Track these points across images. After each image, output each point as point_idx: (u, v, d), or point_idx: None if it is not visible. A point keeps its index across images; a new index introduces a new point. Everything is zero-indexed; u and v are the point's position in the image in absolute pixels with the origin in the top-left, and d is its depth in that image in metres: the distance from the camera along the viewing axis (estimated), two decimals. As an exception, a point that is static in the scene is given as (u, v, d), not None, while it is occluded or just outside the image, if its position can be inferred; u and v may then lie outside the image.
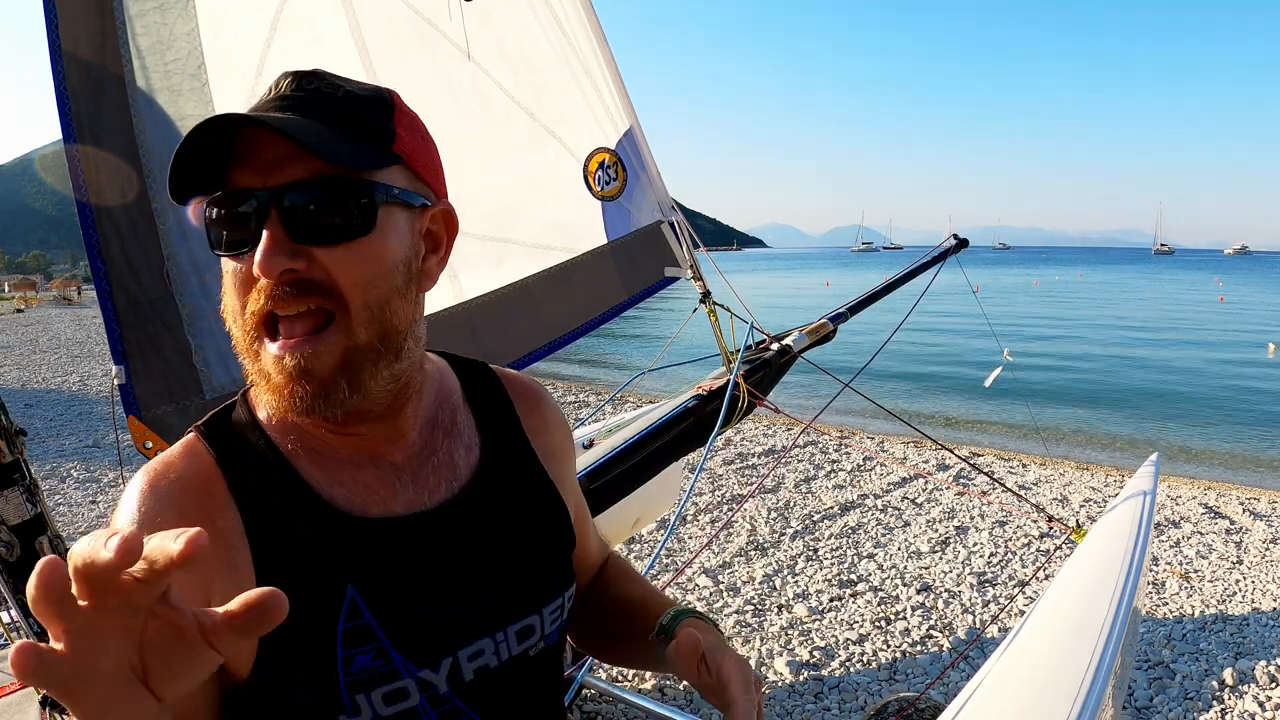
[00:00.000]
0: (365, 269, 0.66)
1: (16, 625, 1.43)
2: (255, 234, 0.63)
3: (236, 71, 2.03)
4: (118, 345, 1.88)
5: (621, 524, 3.29)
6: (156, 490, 0.67)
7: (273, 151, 0.63)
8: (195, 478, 0.68)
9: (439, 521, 0.74)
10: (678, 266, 2.76)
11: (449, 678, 0.72)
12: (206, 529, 0.60)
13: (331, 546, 0.69)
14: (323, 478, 0.71)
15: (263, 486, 0.69)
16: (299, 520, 0.69)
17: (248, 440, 0.72)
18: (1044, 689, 1.43)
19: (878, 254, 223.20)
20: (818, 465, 6.54)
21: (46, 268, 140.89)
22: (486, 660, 0.74)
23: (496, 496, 0.79)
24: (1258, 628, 3.68)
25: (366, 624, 0.68)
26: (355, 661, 0.67)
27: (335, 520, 0.70)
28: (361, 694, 0.67)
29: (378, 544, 0.71)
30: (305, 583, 0.67)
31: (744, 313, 2.79)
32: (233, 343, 0.69)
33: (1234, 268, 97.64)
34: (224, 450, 0.70)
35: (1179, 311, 27.90)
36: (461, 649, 0.73)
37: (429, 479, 0.76)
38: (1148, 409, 10.73)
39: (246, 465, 0.70)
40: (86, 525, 5.16)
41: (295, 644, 0.66)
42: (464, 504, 0.76)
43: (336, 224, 0.64)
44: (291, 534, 0.68)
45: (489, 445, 0.82)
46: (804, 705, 3.04)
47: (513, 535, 0.79)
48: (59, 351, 17.01)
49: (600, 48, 2.54)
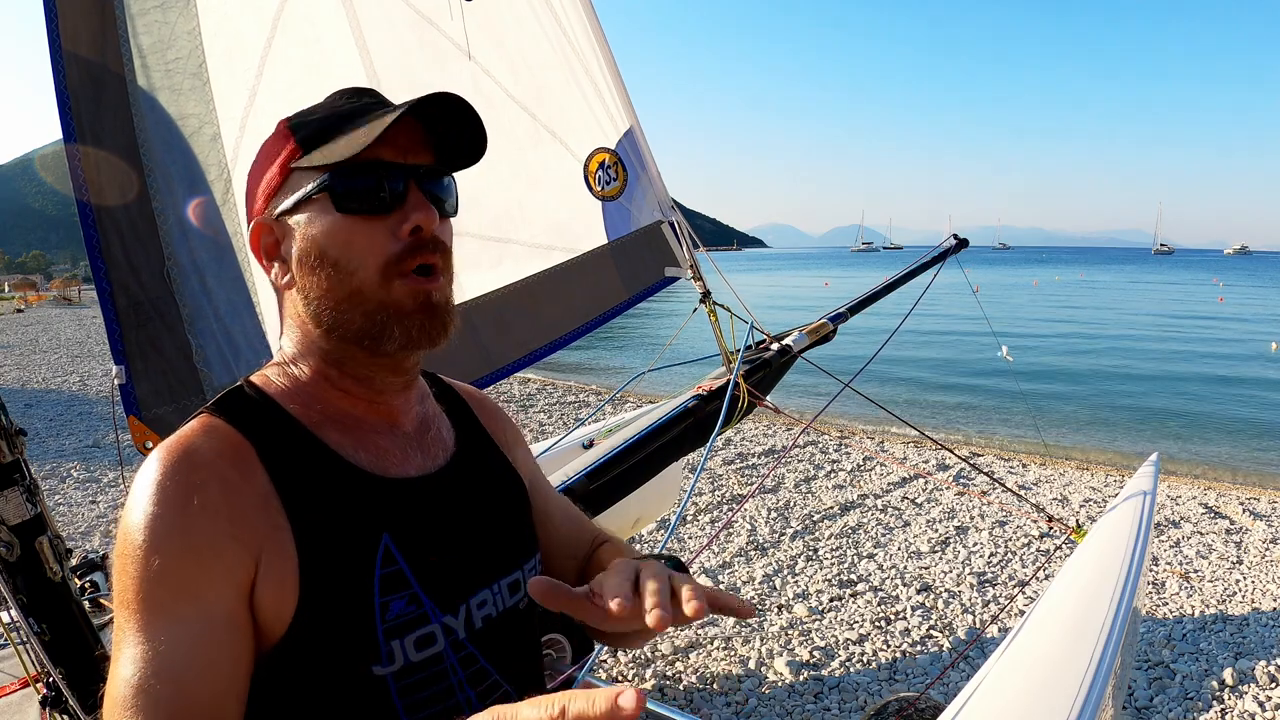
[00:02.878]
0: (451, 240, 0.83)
1: (16, 625, 1.43)
2: (399, 200, 0.76)
3: (237, 71, 2.03)
4: (118, 345, 1.88)
5: (621, 524, 3.29)
6: (192, 459, 0.70)
7: (408, 136, 0.78)
8: (227, 446, 0.72)
9: (444, 483, 0.84)
10: (678, 266, 2.76)
11: (465, 624, 0.79)
12: (246, 494, 0.71)
13: (363, 502, 0.75)
14: (346, 443, 0.78)
15: (290, 452, 0.75)
16: (329, 480, 0.75)
17: (266, 414, 0.77)
18: (1044, 689, 1.43)
19: (878, 254, 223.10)
20: (818, 465, 6.55)
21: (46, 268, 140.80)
22: (489, 610, 0.82)
23: (476, 468, 0.90)
24: (1258, 628, 3.68)
25: (399, 570, 0.74)
26: (391, 608, 0.72)
27: (363, 479, 0.77)
28: (396, 640, 0.72)
29: (403, 499, 0.78)
30: (342, 536, 0.72)
31: (744, 313, 2.79)
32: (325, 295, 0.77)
33: (1234, 268, 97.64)
34: (245, 423, 0.75)
35: (1178, 312, 27.90)
36: (472, 596, 0.80)
37: (430, 447, 0.86)
38: (1148, 409, 10.73)
39: (271, 434, 0.75)
40: (86, 525, 5.16)
41: (337, 594, 0.70)
42: (456, 470, 0.87)
43: (449, 202, 0.83)
44: (323, 493, 0.73)
45: (459, 429, 0.93)
46: (804, 705, 3.04)
47: (493, 501, 0.89)
48: (59, 351, 17.01)
49: (600, 48, 2.54)
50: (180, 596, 0.65)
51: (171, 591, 0.65)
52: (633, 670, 3.29)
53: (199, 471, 0.69)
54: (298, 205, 0.77)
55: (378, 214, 0.76)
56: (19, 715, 1.81)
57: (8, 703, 1.85)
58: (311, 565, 0.69)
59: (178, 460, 0.69)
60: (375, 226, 0.76)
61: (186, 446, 0.71)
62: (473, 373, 2.48)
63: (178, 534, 0.66)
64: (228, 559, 0.67)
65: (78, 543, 4.77)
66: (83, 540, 4.86)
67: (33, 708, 1.71)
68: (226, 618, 0.66)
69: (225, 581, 0.67)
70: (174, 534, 0.66)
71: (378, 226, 0.76)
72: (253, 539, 0.68)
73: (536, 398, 9.96)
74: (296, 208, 0.77)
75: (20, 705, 1.83)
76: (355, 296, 0.76)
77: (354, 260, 0.76)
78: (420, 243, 0.77)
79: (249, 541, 0.68)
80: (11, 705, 1.84)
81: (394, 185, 0.76)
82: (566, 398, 10.05)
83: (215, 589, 0.66)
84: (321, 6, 2.15)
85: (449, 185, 0.83)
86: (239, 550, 0.68)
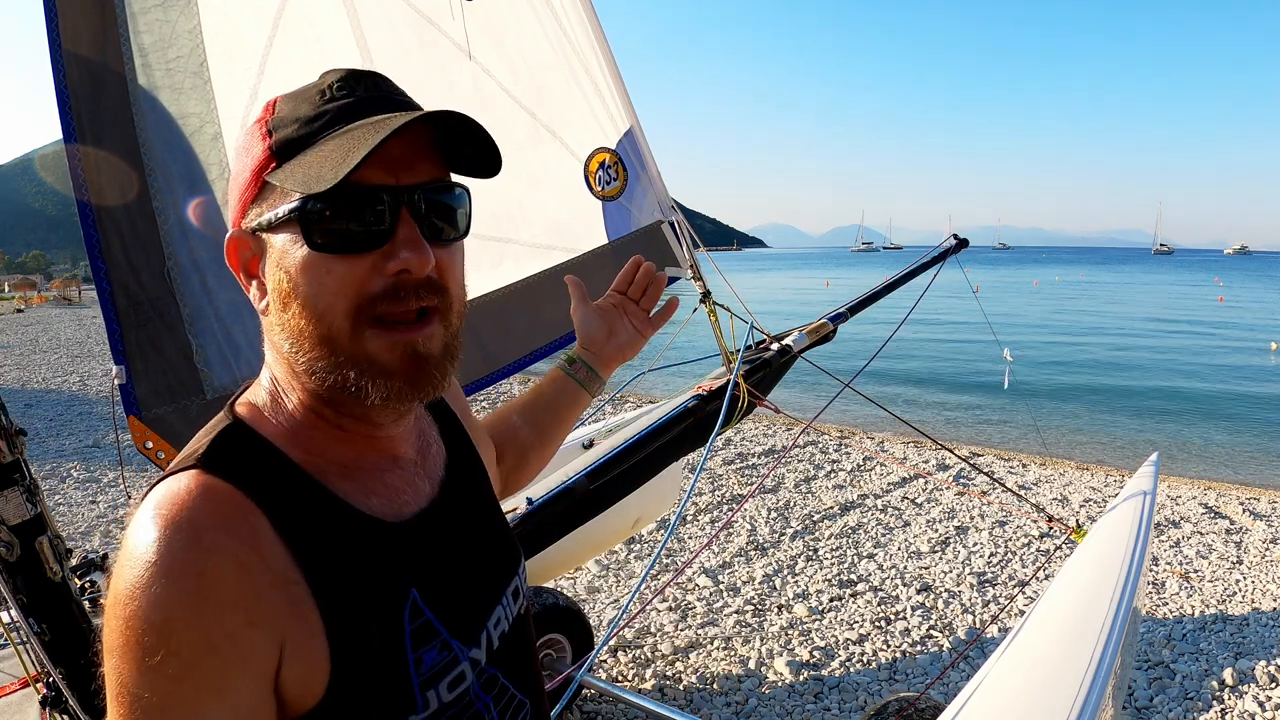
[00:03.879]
0: (461, 268, 0.72)
1: (16, 625, 1.43)
2: (385, 235, 0.64)
3: (238, 70, 2.03)
4: (118, 345, 1.88)
5: (621, 524, 3.29)
6: (199, 541, 0.59)
7: (400, 147, 0.64)
8: (236, 518, 0.62)
9: (447, 506, 0.79)
10: (678, 266, 2.76)
11: (486, 649, 0.76)
12: (262, 574, 0.61)
13: (382, 556, 0.69)
14: (355, 489, 0.70)
15: (302, 513, 0.65)
16: (345, 539, 0.67)
17: (268, 465, 0.67)
18: (1044, 689, 1.43)
19: (878, 254, 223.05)
20: (818, 465, 6.55)
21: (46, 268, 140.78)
22: (502, 626, 0.80)
23: (466, 471, 0.86)
24: (1258, 628, 3.68)
25: (427, 621, 0.70)
26: (425, 661, 0.69)
27: (380, 530, 0.70)
28: (431, 689, 0.69)
29: (419, 541, 0.73)
30: (369, 601, 0.66)
31: (744, 313, 2.79)
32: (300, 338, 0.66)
33: (1234, 268, 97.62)
34: (246, 481, 0.64)
35: (1178, 312, 27.90)
36: (488, 619, 0.78)
37: (431, 468, 0.80)
38: (1148, 408, 10.74)
39: (277, 492, 0.65)
40: (86, 525, 5.16)
41: (371, 663, 0.65)
42: (454, 485, 0.82)
43: (455, 224, 0.70)
44: (342, 556, 0.66)
45: (440, 421, 0.88)
46: (804, 705, 3.04)
47: (486, 507, 0.86)
48: (59, 351, 17.01)
49: (600, 47, 2.54)
50: (202, 696, 0.58)
51: (194, 692, 0.57)
52: (633, 670, 3.29)
53: (210, 557, 0.58)
54: (271, 226, 0.66)
55: (357, 251, 0.64)
56: (19, 715, 1.81)
57: (8, 703, 1.85)
58: (342, 639, 0.63)
59: (182, 540, 0.58)
60: (354, 265, 0.64)
61: (189, 521, 0.59)
62: (473, 373, 2.48)
63: (195, 635, 0.57)
64: (249, 651, 0.59)
65: (78, 543, 4.77)
66: (83, 540, 4.86)
67: (33, 708, 1.71)
68: (250, 711, 0.60)
69: (247, 674, 0.59)
70: (191, 635, 0.57)
71: (358, 264, 0.64)
72: (275, 624, 0.60)
73: (536, 398, 9.95)
74: (271, 228, 0.66)
75: (20, 705, 1.83)
76: (325, 344, 0.65)
77: (322, 302, 0.64)
78: (405, 286, 0.65)
79: (271, 627, 0.60)
80: (11, 705, 1.84)
81: (374, 216, 0.64)
82: (566, 398, 10.04)
83: (238, 684, 0.59)
84: (322, 6, 2.15)
85: (459, 198, 0.70)
86: (262, 638, 0.60)
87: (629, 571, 4.32)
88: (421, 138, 0.67)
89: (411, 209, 0.65)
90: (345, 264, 0.64)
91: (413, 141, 0.66)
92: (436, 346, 0.68)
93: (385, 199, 0.64)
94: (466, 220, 0.71)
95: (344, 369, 0.66)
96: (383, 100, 0.67)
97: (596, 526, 2.50)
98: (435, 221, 0.67)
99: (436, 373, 0.68)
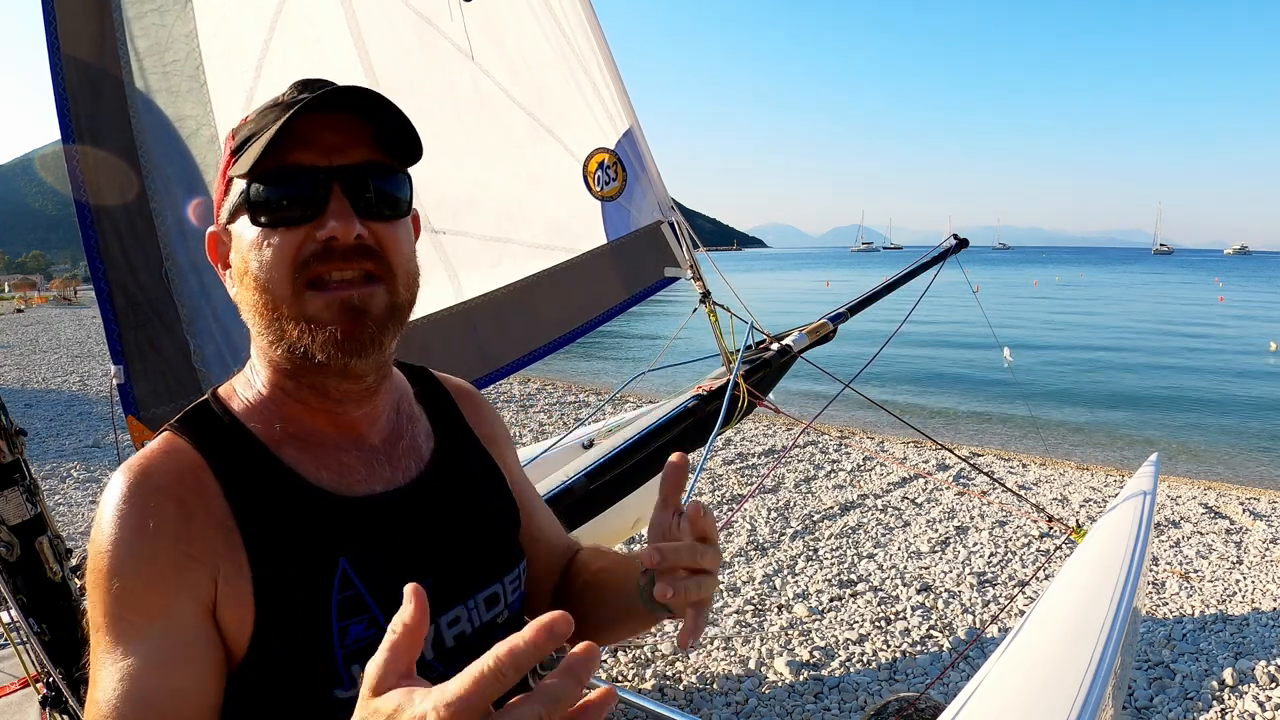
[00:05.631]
0: (404, 245, 0.77)
1: (16, 625, 1.43)
2: (317, 208, 0.71)
3: (235, 72, 2.03)
4: (117, 345, 1.88)
5: (621, 524, 3.28)
6: (149, 482, 0.70)
7: (335, 135, 0.72)
8: (185, 468, 0.72)
9: (413, 497, 0.81)
10: (677, 266, 2.76)
11: (433, 644, 0.77)
12: (202, 516, 0.69)
13: (320, 524, 0.74)
14: (307, 461, 0.76)
15: (248, 473, 0.73)
16: (286, 502, 0.73)
17: (227, 432, 0.76)
18: (1044, 689, 1.43)
19: (878, 254, 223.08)
20: (818, 465, 6.54)
21: (46, 268, 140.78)
22: (463, 627, 0.80)
23: (455, 476, 0.87)
24: (1258, 628, 3.68)
25: (358, 594, 0.72)
26: (350, 632, 0.71)
27: (321, 500, 0.75)
28: (356, 664, 0.70)
29: (364, 519, 0.76)
30: (297, 559, 0.71)
31: (744, 313, 2.79)
32: (255, 310, 0.73)
33: (1234, 268, 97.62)
34: (205, 443, 0.74)
35: (1179, 311, 27.90)
36: (441, 615, 0.78)
37: (400, 460, 0.83)
38: (1148, 409, 10.73)
39: (230, 455, 0.74)
40: (86, 525, 5.16)
41: (292, 618, 0.69)
42: (431, 481, 0.84)
43: (390, 204, 0.76)
44: (280, 515, 0.72)
45: (441, 433, 0.90)
46: (804, 705, 3.04)
47: (472, 511, 0.86)
48: (59, 351, 17.01)
49: (600, 48, 2.54)
50: (146, 616, 0.66)
51: (137, 612, 0.66)
52: (633, 670, 3.29)
53: (156, 495, 0.69)
54: (231, 215, 0.75)
55: (292, 225, 0.72)
56: (19, 715, 1.81)
57: (8, 703, 1.85)
58: (266, 588, 0.69)
59: (136, 483, 0.70)
60: (291, 235, 0.72)
61: (145, 469, 0.71)
62: (473, 372, 2.48)
63: (136, 557, 0.67)
64: (189, 578, 0.68)
65: (78, 543, 4.77)
66: (83, 540, 4.86)
67: (33, 708, 1.71)
68: (194, 633, 0.67)
69: (189, 598, 0.67)
70: (133, 558, 0.67)
71: (296, 235, 0.72)
72: (210, 559, 0.69)
73: (536, 398, 9.96)
74: (231, 217, 0.75)
75: (20, 705, 1.83)
76: (271, 309, 0.73)
77: (265, 272, 0.72)
78: (335, 250, 0.71)
79: (207, 561, 0.68)
80: (11, 705, 1.84)
81: (305, 192, 0.71)
82: (566, 398, 10.05)
83: (180, 606, 0.67)
84: (321, 7, 2.15)
85: (394, 179, 0.76)
86: (198, 570, 0.68)
87: (629, 572, 4.32)
88: (358, 127, 0.74)
89: (344, 186, 0.72)
90: (283, 235, 0.72)
91: (349, 130, 0.73)
92: (377, 305, 0.73)
93: (317, 177, 0.71)
94: (405, 201, 0.77)
95: (288, 328, 0.72)
96: (326, 97, 0.72)
97: (596, 526, 2.50)
98: (369, 199, 0.74)
99: (374, 326, 0.73)
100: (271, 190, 0.71)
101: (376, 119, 0.74)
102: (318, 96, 0.70)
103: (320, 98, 0.70)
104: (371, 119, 0.74)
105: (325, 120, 0.72)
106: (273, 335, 0.74)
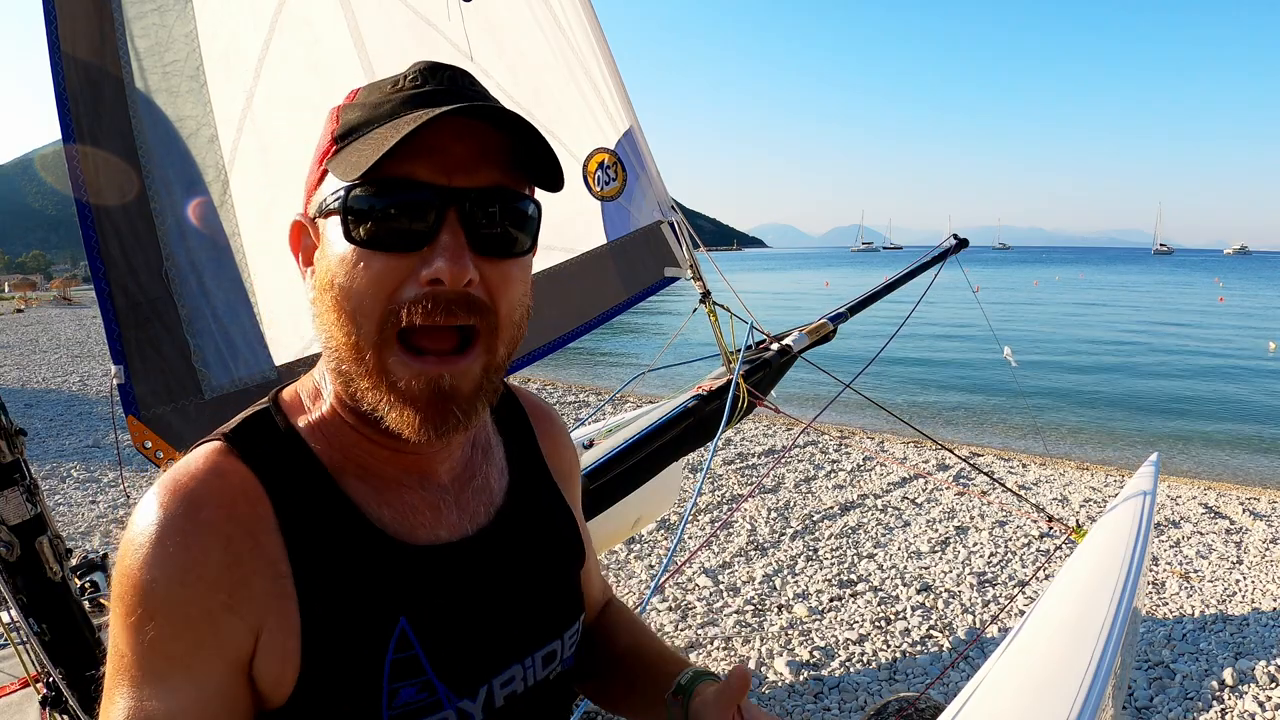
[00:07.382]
0: (519, 288, 0.65)
1: (16, 625, 1.43)
2: (426, 237, 0.59)
3: (235, 73, 2.03)
4: (117, 345, 1.88)
5: (621, 524, 3.29)
6: (197, 518, 0.60)
7: (461, 148, 0.60)
8: (238, 497, 0.62)
9: (480, 548, 0.72)
10: (677, 266, 2.76)
11: (484, 706, 0.70)
12: (250, 559, 0.61)
13: (382, 575, 0.65)
14: (370, 496, 0.67)
15: (308, 505, 0.64)
16: (347, 545, 0.64)
17: (289, 451, 0.66)
18: (1044, 689, 1.43)
19: (878, 254, 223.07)
20: (818, 465, 6.54)
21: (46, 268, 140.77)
22: (515, 686, 0.73)
23: (525, 522, 0.78)
24: (1258, 628, 3.68)
25: (414, 656, 0.65)
26: (400, 695, 0.64)
27: (383, 545, 0.66)
28: None
29: (427, 573, 0.68)
30: (355, 613, 0.63)
31: (744, 313, 2.79)
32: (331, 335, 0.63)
33: (1233, 268, 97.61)
34: (262, 463, 0.64)
35: (1179, 311, 27.90)
36: (496, 676, 0.71)
37: (470, 502, 0.74)
38: (1148, 409, 10.73)
39: (290, 483, 0.64)
40: (86, 525, 5.16)
41: (341, 675, 0.63)
42: (500, 529, 0.75)
43: (514, 238, 0.64)
44: (339, 560, 0.64)
45: (515, 469, 0.80)
46: (804, 705, 3.04)
47: (540, 561, 0.77)
48: (59, 351, 17.01)
49: (599, 48, 2.54)
50: (168, 662, 0.60)
51: (165, 661, 0.60)
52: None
53: (201, 535, 0.60)
54: (323, 213, 0.63)
55: (394, 251, 0.60)
56: (19, 715, 1.81)
57: (8, 703, 1.85)
58: (315, 643, 0.62)
59: (180, 516, 0.60)
60: (390, 265, 0.60)
61: (192, 498, 0.60)
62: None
63: (169, 604, 0.59)
64: (223, 634, 0.60)
65: (78, 543, 4.77)
66: (83, 540, 4.86)
67: (33, 708, 1.71)
68: (218, 691, 0.60)
69: (218, 656, 0.60)
70: (170, 604, 0.59)
71: (395, 266, 0.60)
72: (252, 611, 0.61)
73: (536, 398, 9.95)
74: (323, 214, 0.63)
75: (20, 705, 1.83)
76: (351, 349, 0.62)
77: (353, 301, 0.61)
78: (438, 299, 0.59)
79: (247, 614, 0.61)
80: (11, 705, 1.84)
81: (413, 215, 0.59)
82: (566, 398, 10.05)
83: (207, 664, 0.60)
84: (320, 7, 2.15)
85: (522, 210, 0.64)
86: (234, 623, 0.60)
87: (629, 572, 4.32)
88: (491, 143, 0.62)
89: (461, 214, 0.60)
90: (381, 262, 0.60)
91: (479, 143, 0.61)
92: (467, 384, 0.63)
93: (430, 198, 0.59)
94: (531, 238, 0.66)
95: (363, 382, 0.62)
96: (453, 94, 0.62)
97: (596, 527, 2.49)
98: (488, 232, 0.62)
99: (460, 412, 0.63)
100: (373, 203, 0.59)
101: (515, 133, 0.61)
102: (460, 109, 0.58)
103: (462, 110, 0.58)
104: (509, 132, 0.61)
105: (451, 126, 0.59)
106: (343, 372, 0.64)
